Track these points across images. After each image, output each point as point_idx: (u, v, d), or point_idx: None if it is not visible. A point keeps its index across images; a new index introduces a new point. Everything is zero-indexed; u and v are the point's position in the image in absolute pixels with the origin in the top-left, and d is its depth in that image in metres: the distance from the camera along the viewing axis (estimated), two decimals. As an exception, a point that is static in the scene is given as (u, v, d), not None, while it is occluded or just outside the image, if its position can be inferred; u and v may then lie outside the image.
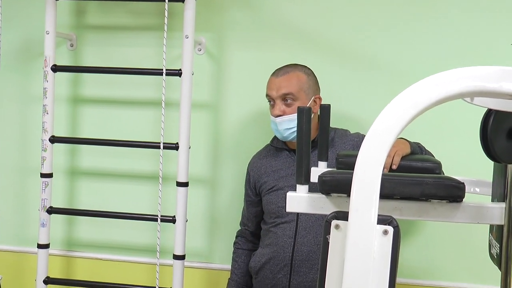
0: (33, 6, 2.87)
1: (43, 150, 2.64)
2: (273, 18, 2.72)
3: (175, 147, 2.54)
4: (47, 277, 2.69)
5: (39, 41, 2.74)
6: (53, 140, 2.65)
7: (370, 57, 2.65)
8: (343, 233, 1.14)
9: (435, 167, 1.76)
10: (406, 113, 1.03)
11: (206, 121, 2.80)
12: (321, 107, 1.96)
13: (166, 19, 2.47)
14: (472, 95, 1.04)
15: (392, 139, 1.04)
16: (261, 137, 2.60)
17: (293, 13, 2.70)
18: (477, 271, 2.57)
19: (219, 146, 2.81)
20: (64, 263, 2.94)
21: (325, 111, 1.93)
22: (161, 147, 2.53)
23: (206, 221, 2.83)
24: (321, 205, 1.48)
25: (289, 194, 1.49)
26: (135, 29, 2.85)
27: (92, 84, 2.89)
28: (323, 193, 1.48)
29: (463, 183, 1.40)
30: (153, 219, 2.59)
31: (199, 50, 2.76)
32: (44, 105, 2.62)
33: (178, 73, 2.52)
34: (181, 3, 2.50)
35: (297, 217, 2.34)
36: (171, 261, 2.59)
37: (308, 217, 2.32)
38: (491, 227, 1.64)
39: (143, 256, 2.86)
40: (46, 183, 2.65)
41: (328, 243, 1.17)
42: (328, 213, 1.19)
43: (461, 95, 1.03)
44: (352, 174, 1.05)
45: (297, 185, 1.49)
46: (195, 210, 2.77)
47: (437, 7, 2.59)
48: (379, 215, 1.05)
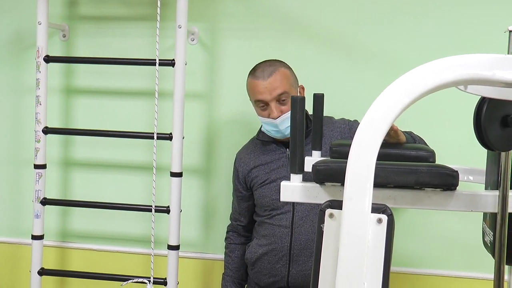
0: (25, -4, 2.86)
1: (36, 141, 2.63)
2: (266, 8, 2.71)
3: (169, 137, 2.54)
4: (42, 268, 2.69)
5: (31, 32, 2.73)
6: (47, 131, 2.64)
7: (364, 46, 2.65)
8: (337, 222, 1.14)
9: (429, 155, 1.75)
10: (400, 102, 1.03)
11: (199, 111, 2.79)
12: (314, 97, 1.95)
13: (158, 9, 2.46)
14: (465, 83, 1.04)
15: (386, 128, 1.04)
16: (255, 127, 2.59)
17: (286, 3, 2.69)
18: (471, 259, 2.58)
19: (212, 136, 2.80)
20: (58, 254, 2.94)
21: (319, 100, 1.92)
22: (155, 137, 2.53)
23: (200, 211, 2.83)
24: (315, 194, 1.48)
25: (283, 183, 1.49)
26: (128, 19, 2.84)
27: (85, 74, 2.88)
28: (317, 182, 1.48)
29: (456, 172, 1.40)
30: (147, 209, 2.59)
31: (192, 40, 2.75)
32: (37, 96, 2.61)
33: (171, 63, 2.51)
34: (174, -7, 2.49)
35: (293, 207, 2.34)
36: (166, 252, 2.59)
37: (304, 207, 2.32)
38: (485, 215, 1.65)
39: (137, 246, 2.86)
40: (39, 174, 2.64)
41: (322, 232, 1.17)
42: (322, 202, 1.19)
43: (454, 83, 1.03)
44: (346, 163, 1.05)
45: (291, 175, 1.49)
46: (189, 200, 2.77)
47: (430, -4, 2.59)
48: (373, 204, 1.05)
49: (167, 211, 2.57)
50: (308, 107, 1.80)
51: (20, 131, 2.94)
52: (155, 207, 2.56)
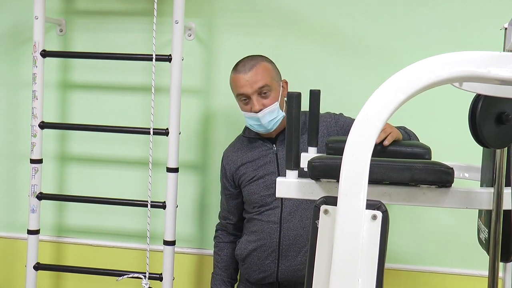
0: (22, -10, 2.85)
1: (32, 136, 2.63)
2: (263, 3, 2.70)
3: (165, 133, 2.54)
4: (37, 263, 2.69)
5: (28, 26, 2.72)
6: (43, 126, 2.64)
7: (360, 43, 2.64)
8: (332, 218, 1.14)
9: (424, 152, 1.76)
10: (395, 98, 1.03)
11: (196, 106, 2.79)
12: (311, 93, 1.95)
13: (155, 4, 2.46)
14: (460, 80, 1.05)
15: (381, 124, 1.04)
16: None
17: (283, -1, 2.70)
18: (466, 256, 2.59)
19: (209, 132, 2.80)
20: (54, 249, 2.94)
21: (315, 96, 1.92)
22: (151, 133, 2.53)
23: (196, 207, 2.83)
24: (311, 190, 1.48)
25: (279, 179, 1.49)
26: (125, 15, 2.83)
27: (81, 69, 2.87)
28: (312, 179, 1.48)
29: (452, 168, 1.40)
30: (143, 205, 2.59)
31: (189, 35, 2.75)
32: (33, 91, 2.61)
33: (168, 59, 2.51)
34: (171, -12, 2.49)
35: (281, 203, 2.34)
36: (162, 247, 2.59)
37: (292, 202, 2.32)
38: (480, 212, 1.65)
39: (133, 242, 2.86)
40: (36, 169, 2.64)
41: (317, 228, 1.17)
42: (317, 198, 1.19)
43: (449, 80, 1.03)
44: (341, 159, 1.05)
45: (287, 171, 1.49)
46: (185, 196, 2.77)
47: (427, -7, 2.59)
48: (367, 200, 1.05)
49: (163, 206, 2.57)
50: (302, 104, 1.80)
51: (16, 125, 2.93)
52: (151, 202, 2.56)
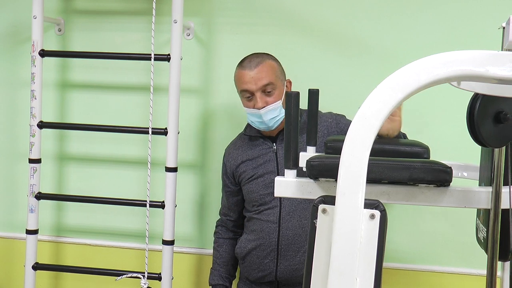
0: (20, -10, 2.85)
1: (31, 135, 2.63)
2: (262, 2, 2.70)
3: (164, 132, 2.54)
4: (36, 263, 2.68)
5: (27, 26, 2.72)
6: (41, 125, 2.64)
7: (358, 42, 2.65)
8: (330, 217, 1.14)
9: (423, 151, 1.75)
10: (393, 97, 1.03)
11: (195, 106, 2.79)
12: (309, 92, 1.95)
13: (154, 4, 2.46)
14: (458, 79, 1.05)
15: (379, 123, 1.04)
16: (250, 122, 2.59)
17: (282, -2, 2.70)
18: (464, 255, 2.59)
19: (208, 131, 2.80)
20: (53, 248, 2.94)
21: (314, 96, 1.92)
22: (150, 132, 2.53)
23: (195, 207, 2.83)
24: (309, 189, 1.48)
25: (278, 179, 1.49)
26: (124, 14, 2.83)
27: (80, 69, 2.87)
28: (311, 178, 1.48)
29: (450, 168, 1.40)
30: (142, 204, 2.59)
31: (188, 35, 2.75)
32: (32, 90, 2.61)
33: (166, 58, 2.51)
34: (170, -12, 2.49)
35: (280, 203, 2.34)
36: (160, 247, 2.59)
37: (291, 202, 2.33)
38: (478, 211, 1.65)
39: (132, 241, 2.86)
40: (34, 168, 2.64)
41: (315, 228, 1.17)
42: (316, 197, 1.19)
43: (448, 79, 1.03)
44: (339, 158, 1.05)
45: (285, 170, 1.49)
46: (184, 195, 2.77)
47: (426, -8, 2.59)
48: (366, 199, 1.05)
49: (162, 206, 2.57)
50: (301, 102, 1.80)
51: (15, 125, 2.93)
52: (150, 202, 2.56)
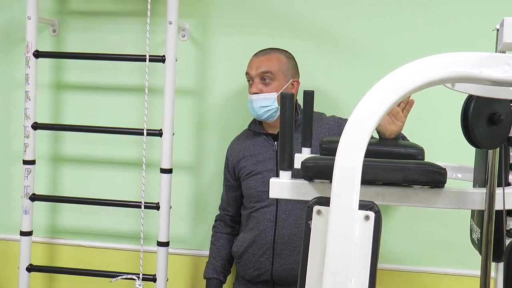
0: (14, -9, 2.84)
1: (25, 136, 2.62)
2: (257, 4, 2.70)
3: (159, 133, 2.53)
4: (30, 265, 2.68)
5: (21, 27, 2.71)
6: (36, 126, 2.63)
7: (353, 43, 2.65)
8: (325, 219, 1.14)
9: (418, 153, 1.76)
10: (387, 99, 1.04)
11: (190, 107, 2.79)
12: (304, 93, 1.95)
13: (149, 5, 2.45)
14: (452, 80, 1.05)
15: (374, 125, 1.04)
16: (245, 124, 2.59)
17: (277, -1, 2.70)
18: (458, 256, 2.59)
19: (203, 132, 2.80)
20: (47, 250, 2.93)
21: (309, 97, 1.92)
22: (145, 133, 2.52)
23: (190, 208, 2.83)
24: (304, 191, 1.48)
25: (272, 180, 1.49)
26: (118, 15, 2.83)
27: (75, 70, 2.87)
28: (306, 179, 1.48)
29: (445, 169, 1.41)
30: (137, 206, 2.59)
31: (183, 36, 2.75)
32: (26, 92, 2.60)
33: (161, 59, 2.51)
34: (164, -11, 2.49)
35: (277, 201, 2.36)
36: (155, 248, 2.59)
37: (287, 201, 2.34)
38: (473, 212, 1.66)
39: (127, 243, 2.86)
40: (28, 170, 2.63)
41: (310, 229, 1.17)
42: (310, 199, 1.19)
43: (442, 81, 1.04)
44: (334, 160, 1.05)
45: (280, 171, 1.49)
46: (179, 196, 2.77)
47: (421, -6, 2.59)
48: (360, 201, 1.06)
49: (156, 207, 2.56)
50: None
51: (9, 126, 2.92)
52: (145, 203, 2.55)
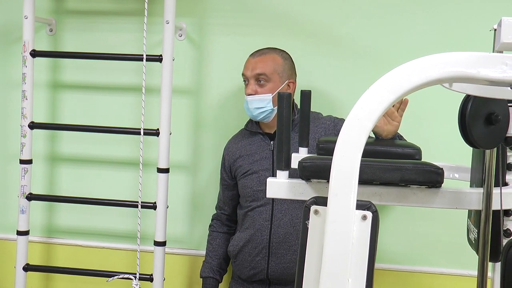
0: (11, -10, 2.84)
1: (22, 136, 2.62)
2: (254, 3, 2.70)
3: (156, 133, 2.53)
4: (27, 264, 2.67)
5: (18, 26, 2.71)
6: (33, 126, 2.62)
7: (351, 43, 2.65)
8: (322, 219, 1.14)
9: (415, 153, 1.76)
10: (385, 99, 1.04)
11: (187, 107, 2.78)
12: (302, 93, 1.95)
13: (146, 4, 2.45)
14: (450, 80, 1.05)
15: (371, 125, 1.04)
16: (242, 123, 2.59)
17: (274, -1, 2.70)
18: (455, 256, 2.59)
19: (200, 132, 2.80)
20: (44, 250, 2.92)
21: (306, 97, 1.93)
22: (142, 133, 2.52)
23: (187, 208, 2.83)
24: (301, 190, 1.48)
25: (269, 179, 1.49)
26: (115, 14, 2.82)
27: (71, 69, 2.86)
28: (303, 179, 1.48)
29: (442, 169, 1.41)
30: (133, 205, 2.58)
31: (180, 35, 2.75)
32: (23, 91, 2.60)
33: (158, 59, 2.51)
34: (162, -12, 2.49)
35: (272, 201, 2.36)
36: (152, 248, 2.59)
37: (283, 200, 2.34)
38: (470, 212, 1.66)
39: (123, 242, 2.85)
40: (25, 169, 2.63)
41: (307, 229, 1.17)
42: (308, 198, 1.19)
43: (439, 81, 1.04)
44: (331, 159, 1.05)
45: (277, 171, 1.49)
46: (176, 196, 2.77)
47: (418, -6, 2.59)
48: (358, 201, 1.06)
49: (153, 207, 2.56)
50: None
51: (5, 125, 2.91)
52: (142, 203, 2.55)
